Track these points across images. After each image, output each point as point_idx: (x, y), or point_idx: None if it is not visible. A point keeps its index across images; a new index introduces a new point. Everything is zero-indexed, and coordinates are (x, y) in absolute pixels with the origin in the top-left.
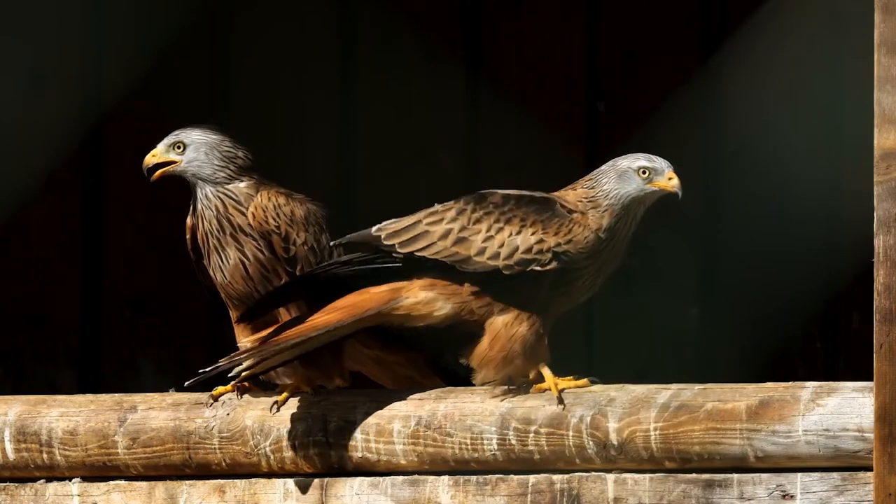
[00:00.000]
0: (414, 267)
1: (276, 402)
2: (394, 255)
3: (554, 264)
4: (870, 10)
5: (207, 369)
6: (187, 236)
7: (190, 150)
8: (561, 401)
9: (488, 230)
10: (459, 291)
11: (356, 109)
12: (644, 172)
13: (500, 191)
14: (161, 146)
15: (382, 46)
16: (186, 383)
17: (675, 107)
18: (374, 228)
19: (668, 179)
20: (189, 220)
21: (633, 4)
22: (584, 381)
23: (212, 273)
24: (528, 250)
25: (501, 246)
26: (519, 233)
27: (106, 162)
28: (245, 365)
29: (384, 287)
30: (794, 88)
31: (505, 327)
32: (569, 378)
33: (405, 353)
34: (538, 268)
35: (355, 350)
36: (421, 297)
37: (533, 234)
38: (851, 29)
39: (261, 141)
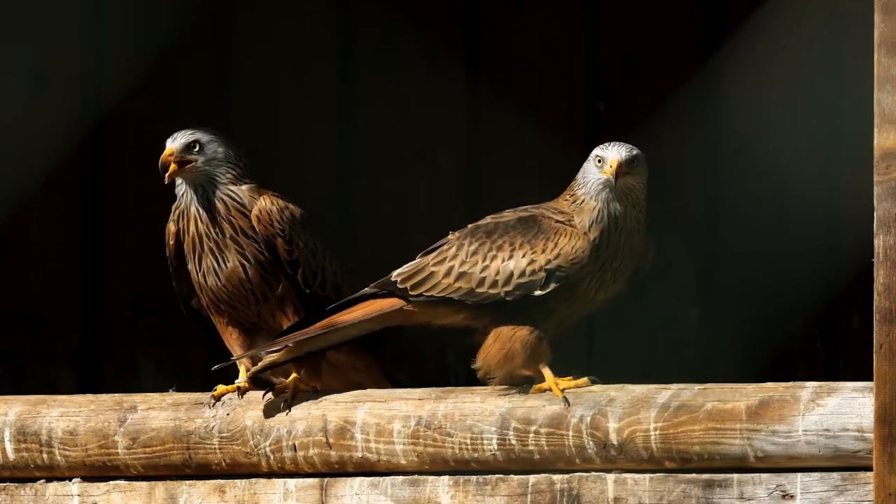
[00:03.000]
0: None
1: (285, 400)
2: (409, 298)
3: (553, 285)
4: (870, 10)
5: (234, 357)
6: (170, 242)
7: (207, 149)
8: (566, 400)
9: (483, 260)
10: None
11: (356, 109)
12: (599, 161)
13: (492, 217)
14: (177, 144)
15: (382, 46)
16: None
17: (675, 107)
18: (394, 273)
19: (609, 167)
20: (172, 226)
21: (633, 4)
22: (584, 380)
23: (200, 278)
24: (522, 273)
25: (497, 274)
26: (511, 258)
27: (106, 162)
28: (274, 357)
29: None
30: (794, 88)
31: (508, 328)
32: (568, 378)
33: (366, 358)
34: (539, 291)
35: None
36: (418, 310)
37: (523, 256)
38: (851, 29)
39: (261, 141)
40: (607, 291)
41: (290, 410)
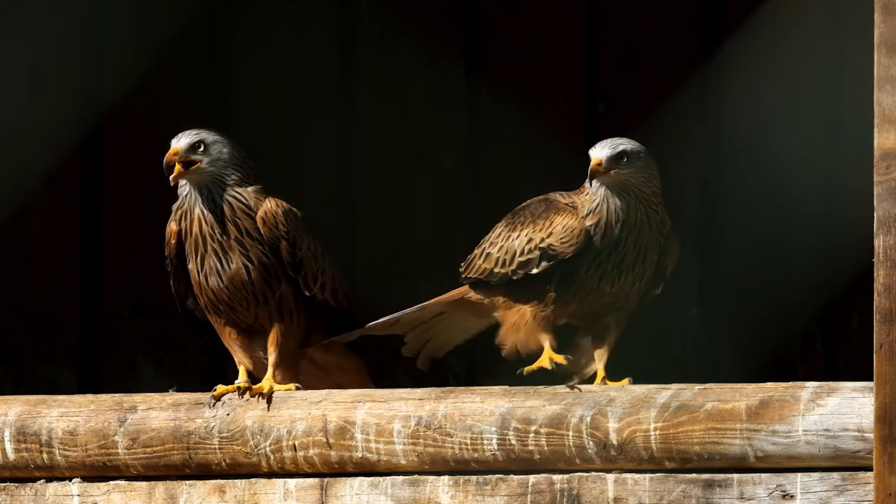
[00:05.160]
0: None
1: (250, 390)
2: (461, 280)
3: (544, 264)
4: (870, 10)
5: (364, 328)
6: (171, 241)
7: (212, 150)
8: (556, 365)
9: (501, 241)
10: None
11: (356, 109)
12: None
13: (528, 202)
14: (182, 144)
15: (382, 46)
16: (335, 339)
17: (675, 106)
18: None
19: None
20: (174, 225)
21: (632, 4)
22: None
23: (202, 279)
24: (522, 252)
25: (506, 253)
26: (518, 237)
27: (106, 162)
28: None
29: None
30: (794, 88)
31: (521, 305)
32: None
33: (356, 361)
34: (535, 269)
35: (301, 352)
36: (476, 296)
37: (525, 235)
38: (851, 29)
39: (261, 141)
40: (613, 284)
41: (269, 406)
